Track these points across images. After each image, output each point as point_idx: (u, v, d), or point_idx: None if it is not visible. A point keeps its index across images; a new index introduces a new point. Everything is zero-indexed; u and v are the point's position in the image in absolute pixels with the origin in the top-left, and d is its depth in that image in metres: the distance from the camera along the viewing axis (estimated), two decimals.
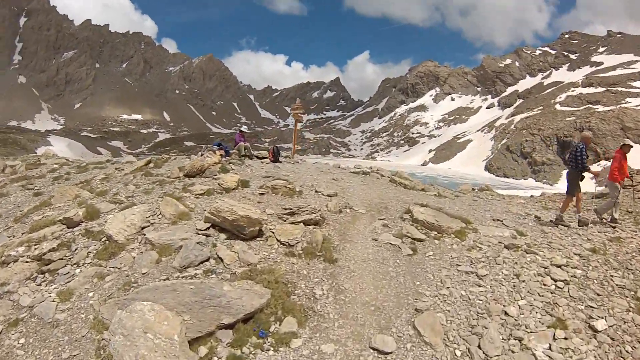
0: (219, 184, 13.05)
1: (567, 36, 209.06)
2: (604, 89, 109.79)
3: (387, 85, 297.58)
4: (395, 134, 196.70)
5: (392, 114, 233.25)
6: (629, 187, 17.01)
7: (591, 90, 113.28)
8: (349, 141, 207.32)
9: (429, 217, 11.25)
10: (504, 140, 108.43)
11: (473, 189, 23.21)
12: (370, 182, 16.85)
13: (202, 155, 17.22)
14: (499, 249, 9.77)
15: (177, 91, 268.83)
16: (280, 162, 19.44)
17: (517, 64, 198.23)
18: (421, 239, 10.33)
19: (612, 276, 8.40)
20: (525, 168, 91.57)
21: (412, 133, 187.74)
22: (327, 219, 11.20)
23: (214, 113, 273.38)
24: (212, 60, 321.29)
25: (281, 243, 9.62)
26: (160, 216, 10.53)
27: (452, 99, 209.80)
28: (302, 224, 10.43)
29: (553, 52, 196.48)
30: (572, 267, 8.81)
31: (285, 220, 10.66)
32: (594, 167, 77.56)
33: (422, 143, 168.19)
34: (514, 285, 8.23)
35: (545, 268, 8.75)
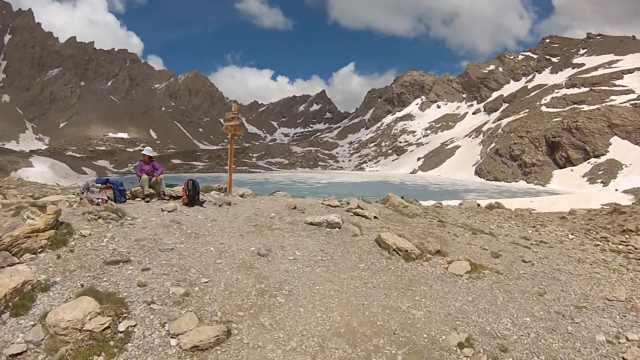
0: None
1: (547, 40, 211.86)
2: (587, 89, 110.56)
3: (372, 96, 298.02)
4: (383, 143, 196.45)
5: (378, 124, 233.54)
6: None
7: (575, 90, 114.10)
8: (337, 153, 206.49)
9: None
10: (493, 144, 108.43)
11: (478, 205, 20.96)
12: (336, 255, 9.27)
13: (81, 198, 11.93)
14: None
15: (163, 108, 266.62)
16: (201, 203, 13.14)
17: (500, 69, 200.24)
18: None
19: None
20: (516, 170, 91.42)
21: (400, 142, 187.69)
22: None
23: (200, 130, 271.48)
24: (198, 76, 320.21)
25: None
26: None
27: (438, 107, 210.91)
28: None
29: (535, 56, 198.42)
30: None
31: None
32: (584, 166, 77.93)
33: (411, 151, 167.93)
34: None
35: None
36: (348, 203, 14.54)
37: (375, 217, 13.17)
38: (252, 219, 11.54)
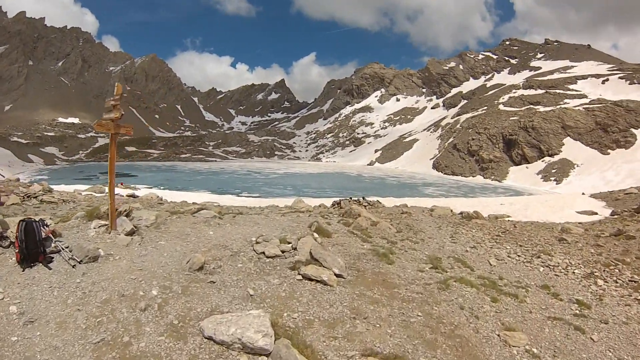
0: None
1: (507, 43, 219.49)
2: (543, 91, 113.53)
3: (332, 87, 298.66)
4: (341, 134, 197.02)
5: (337, 114, 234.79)
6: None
7: (532, 92, 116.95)
8: (294, 143, 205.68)
9: None
10: (451, 139, 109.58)
11: (452, 212, 19.32)
12: None
13: None
14: None
15: None
16: (48, 259, 8.25)
17: (461, 67, 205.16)
18: None
19: None
20: (473, 165, 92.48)
21: (358, 133, 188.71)
22: None
23: (157, 116, 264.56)
24: (156, 60, 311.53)
25: None
26: None
27: (398, 100, 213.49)
28: None
29: (495, 56, 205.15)
30: None
31: None
32: (538, 164, 79.54)
33: (368, 143, 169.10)
34: None
35: None
36: (295, 249, 9.74)
37: (339, 276, 8.81)
38: (108, 313, 6.57)
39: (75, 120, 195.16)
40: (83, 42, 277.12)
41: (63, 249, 8.61)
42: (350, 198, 25.46)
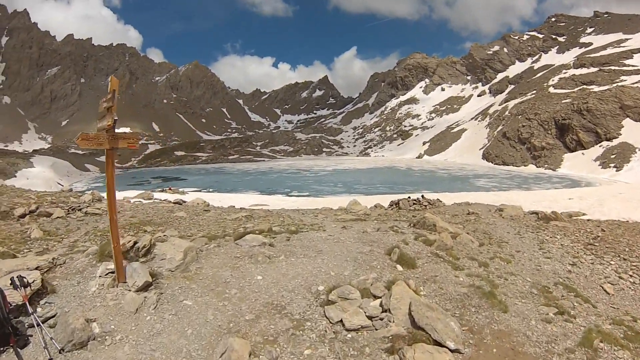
0: None
1: (553, 19, 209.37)
2: (596, 68, 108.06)
3: (375, 80, 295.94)
4: (388, 128, 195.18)
5: (382, 108, 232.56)
6: None
7: (584, 71, 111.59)
8: (342, 139, 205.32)
9: None
10: (500, 127, 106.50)
11: (527, 213, 17.32)
12: None
13: None
14: None
15: (165, 101, 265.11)
16: (19, 344, 5.59)
17: (505, 50, 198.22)
18: None
19: None
20: (525, 154, 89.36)
21: (405, 126, 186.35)
22: None
23: (203, 120, 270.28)
24: (199, 67, 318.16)
25: None
26: None
27: (443, 89, 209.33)
28: None
29: (541, 36, 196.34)
30: None
31: None
32: (596, 149, 75.68)
33: (416, 135, 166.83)
34: None
35: None
36: (387, 311, 6.69)
37: (455, 351, 5.88)
38: None
39: (127, 130, 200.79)
40: (129, 56, 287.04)
41: (38, 326, 5.82)
42: (409, 197, 24.73)
